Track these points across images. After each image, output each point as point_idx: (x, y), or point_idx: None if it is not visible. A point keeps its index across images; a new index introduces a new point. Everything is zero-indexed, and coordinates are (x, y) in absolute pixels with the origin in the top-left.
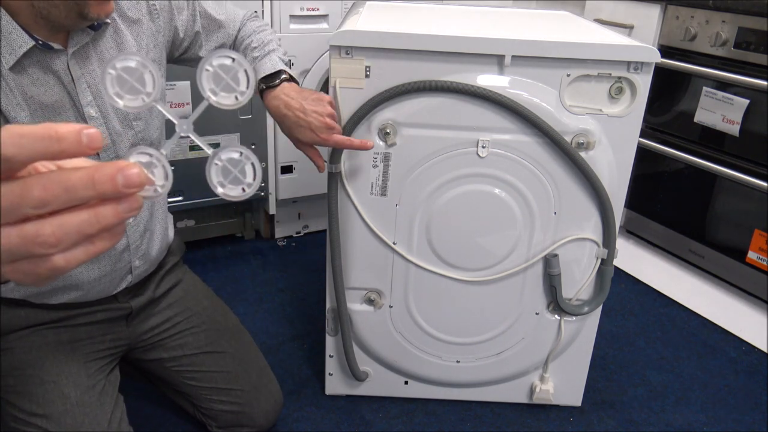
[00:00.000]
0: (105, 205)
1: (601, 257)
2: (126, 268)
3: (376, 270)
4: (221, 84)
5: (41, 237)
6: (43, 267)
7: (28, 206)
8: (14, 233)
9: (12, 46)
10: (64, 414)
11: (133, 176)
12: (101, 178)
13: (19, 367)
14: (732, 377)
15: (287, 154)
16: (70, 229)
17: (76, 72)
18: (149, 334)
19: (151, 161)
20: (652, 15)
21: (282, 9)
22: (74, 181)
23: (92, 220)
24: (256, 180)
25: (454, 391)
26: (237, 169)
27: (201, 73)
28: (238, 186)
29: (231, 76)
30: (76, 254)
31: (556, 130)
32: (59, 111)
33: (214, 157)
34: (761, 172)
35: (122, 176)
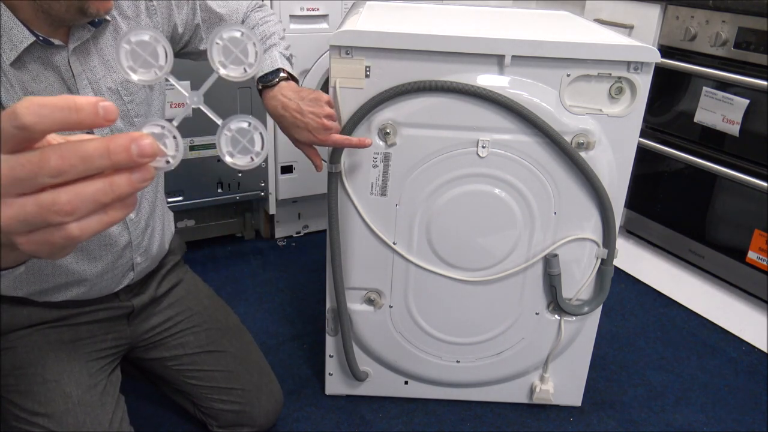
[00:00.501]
0: (119, 175)
1: (601, 257)
2: (128, 264)
3: (376, 270)
4: (230, 57)
5: (57, 205)
6: (58, 236)
7: (46, 175)
8: (31, 202)
9: (13, 42)
10: (66, 413)
11: (146, 146)
12: (116, 148)
13: (21, 366)
14: (732, 377)
15: (287, 154)
16: (86, 197)
17: (77, 68)
18: (150, 333)
19: (163, 132)
20: (652, 15)
21: (282, 9)
22: (90, 151)
23: (107, 188)
24: (264, 149)
25: (454, 391)
26: (246, 139)
27: (211, 46)
28: (246, 155)
29: (240, 49)
30: (91, 223)
31: (556, 130)
32: None
33: (224, 127)
34: (761, 172)
35: (136, 146)
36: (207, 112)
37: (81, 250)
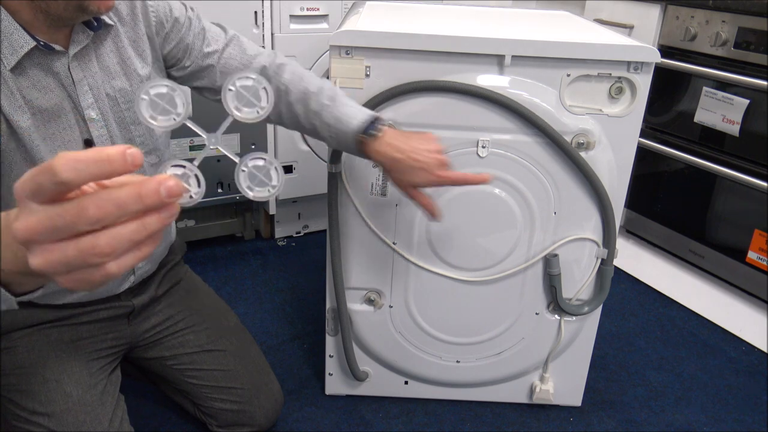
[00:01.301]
0: (150, 215)
1: (601, 257)
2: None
3: (376, 270)
4: (243, 101)
5: (98, 248)
6: (97, 274)
7: (85, 224)
8: (71, 247)
9: (13, 47)
10: (66, 413)
11: (173, 188)
12: (147, 192)
13: (22, 366)
14: (732, 377)
15: (287, 154)
16: (123, 239)
17: (77, 74)
18: (150, 333)
19: (185, 172)
20: (652, 15)
21: (282, 9)
22: (124, 198)
23: (140, 229)
24: (280, 181)
25: (454, 391)
26: (262, 174)
27: (225, 93)
28: (264, 188)
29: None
30: (126, 260)
31: (556, 130)
32: (59, 114)
33: (240, 165)
34: (761, 172)
35: (164, 189)
36: (226, 153)
37: None
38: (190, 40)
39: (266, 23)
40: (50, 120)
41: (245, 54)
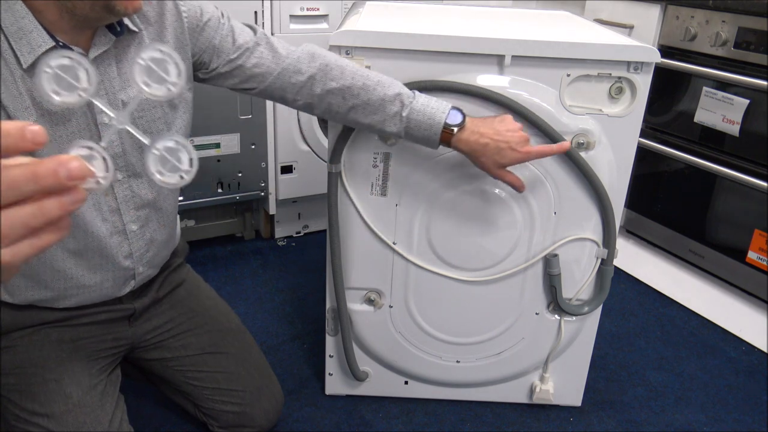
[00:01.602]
0: (49, 198)
1: (601, 257)
2: (129, 274)
3: (376, 270)
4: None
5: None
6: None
7: None
8: None
9: (32, 45)
10: (66, 414)
11: (75, 169)
12: (43, 172)
13: (21, 365)
14: (732, 377)
15: (287, 154)
16: (15, 222)
17: None
18: (152, 335)
19: (92, 154)
20: (652, 15)
21: (282, 9)
22: (16, 176)
23: (37, 213)
24: (192, 167)
25: (454, 391)
26: (173, 158)
27: (134, 67)
28: (175, 173)
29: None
30: (22, 248)
31: (556, 130)
32: (68, 117)
33: (151, 147)
34: (761, 172)
35: (65, 169)
36: (135, 133)
37: (79, 258)
38: (218, 42)
39: (266, 23)
40: (58, 123)
41: (276, 55)
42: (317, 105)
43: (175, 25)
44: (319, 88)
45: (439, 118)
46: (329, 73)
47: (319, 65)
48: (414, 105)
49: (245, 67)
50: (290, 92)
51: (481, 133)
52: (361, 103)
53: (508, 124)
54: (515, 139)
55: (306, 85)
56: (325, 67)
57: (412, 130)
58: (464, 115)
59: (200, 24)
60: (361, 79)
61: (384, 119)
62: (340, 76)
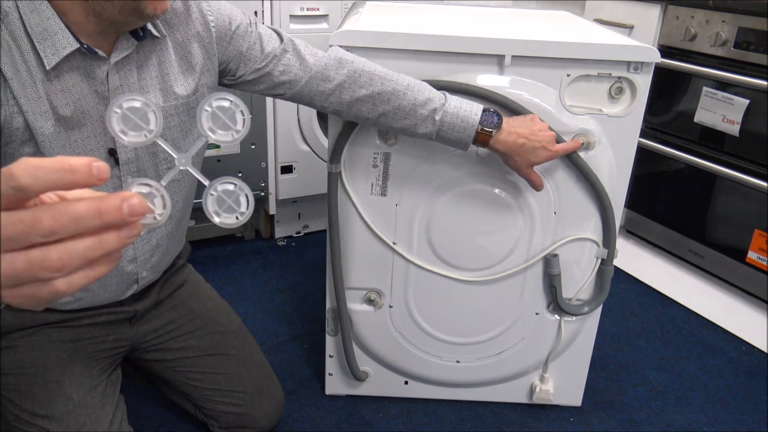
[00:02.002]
0: (109, 233)
1: (601, 257)
2: (132, 278)
3: (376, 270)
4: (218, 123)
5: (47, 262)
6: (45, 291)
7: (38, 235)
8: (21, 258)
9: (56, 47)
10: (67, 415)
11: (137, 206)
12: (107, 208)
13: (22, 366)
14: (732, 377)
15: (287, 154)
16: (76, 254)
17: (114, 82)
18: (152, 336)
19: (151, 191)
20: (652, 15)
21: (282, 9)
22: (82, 212)
23: (96, 246)
24: (249, 209)
25: (454, 391)
26: (231, 200)
27: (200, 113)
28: (232, 214)
29: (228, 116)
30: (77, 278)
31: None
32: (84, 122)
33: (210, 188)
34: (761, 172)
35: (127, 206)
36: (195, 174)
37: None
38: (245, 49)
39: (266, 23)
40: (74, 127)
41: (304, 63)
42: (346, 112)
43: (202, 34)
44: (348, 96)
45: (473, 120)
46: (358, 80)
47: (348, 72)
48: (447, 108)
49: (272, 75)
50: (318, 99)
51: (518, 134)
52: (391, 109)
53: (539, 123)
54: (547, 138)
55: (334, 92)
56: (354, 74)
57: (445, 133)
58: (500, 116)
59: (229, 33)
60: (390, 84)
61: (416, 123)
62: (369, 83)
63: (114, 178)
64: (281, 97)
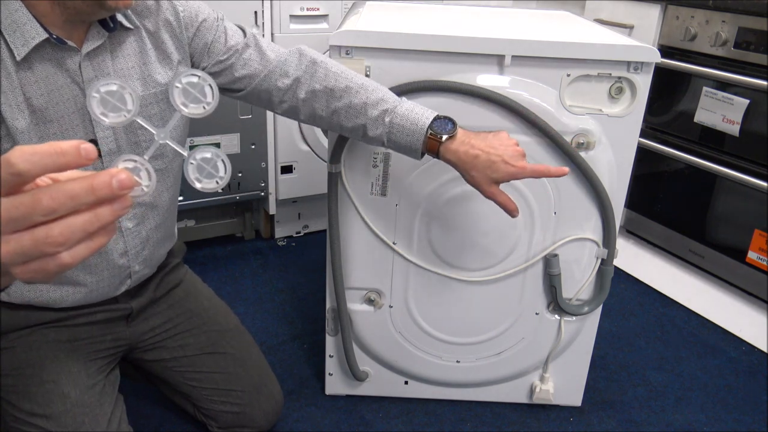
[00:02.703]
0: (103, 207)
1: (601, 257)
2: (125, 272)
3: (376, 270)
4: (190, 97)
5: (51, 237)
6: (52, 264)
7: (39, 214)
8: (26, 237)
9: (25, 37)
10: (64, 414)
11: (125, 180)
12: (99, 185)
13: (19, 366)
14: (732, 377)
15: (287, 154)
16: (75, 229)
17: (88, 73)
18: (150, 335)
19: (136, 166)
20: (652, 15)
21: (282, 9)
22: (77, 190)
23: (93, 219)
24: (227, 173)
25: (454, 391)
26: (210, 166)
27: (172, 89)
28: (212, 179)
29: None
30: (79, 250)
31: (556, 130)
32: (61, 114)
33: (189, 158)
34: (761, 172)
35: (116, 181)
36: (174, 146)
37: None
38: (210, 41)
39: (266, 23)
40: (51, 120)
41: (264, 57)
42: (301, 109)
43: (173, 24)
44: (303, 92)
45: (422, 123)
46: (314, 74)
47: (305, 67)
48: (398, 110)
49: (234, 68)
50: (276, 95)
51: (472, 145)
52: (343, 107)
53: (503, 138)
54: (509, 152)
55: (291, 87)
56: (311, 67)
57: (395, 136)
58: (455, 125)
59: (196, 23)
60: (344, 81)
61: (366, 123)
62: (324, 78)
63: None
64: (239, 93)
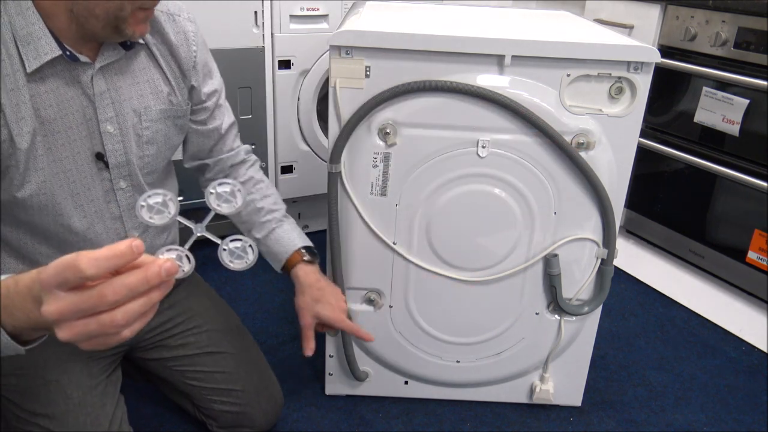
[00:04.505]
0: (154, 291)
1: (601, 257)
2: None
3: (376, 270)
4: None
5: (115, 322)
6: (114, 339)
7: (105, 306)
8: (93, 322)
9: (38, 51)
10: (66, 414)
11: (171, 269)
12: (152, 277)
13: (22, 366)
14: (732, 377)
15: (287, 154)
16: (134, 312)
17: (100, 86)
18: (151, 334)
19: (179, 254)
20: (652, 15)
21: (282, 9)
22: (135, 284)
23: (147, 302)
24: (254, 255)
25: (454, 391)
26: (240, 251)
27: (207, 196)
28: (242, 260)
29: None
30: (135, 327)
31: (556, 130)
32: (69, 125)
33: (222, 245)
34: (761, 172)
35: (164, 270)
36: (211, 238)
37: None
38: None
39: (266, 23)
40: (58, 131)
41: (234, 142)
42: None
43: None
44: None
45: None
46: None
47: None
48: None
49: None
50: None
51: (319, 279)
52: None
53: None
54: (342, 306)
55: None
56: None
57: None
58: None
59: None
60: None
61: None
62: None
63: (105, 181)
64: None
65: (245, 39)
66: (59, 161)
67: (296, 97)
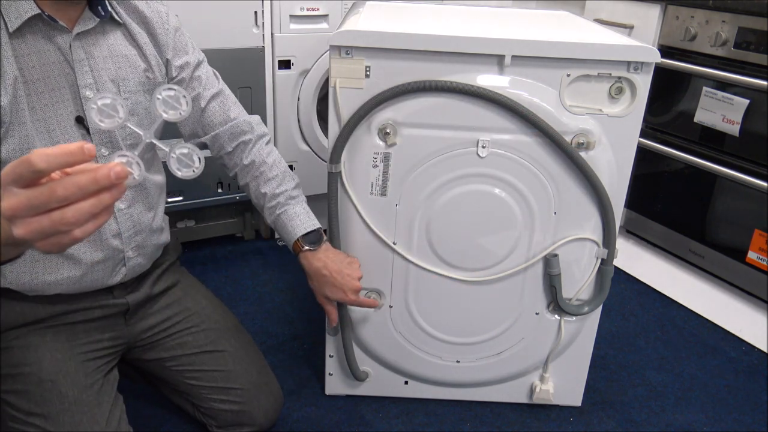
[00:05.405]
0: (104, 193)
1: (601, 257)
2: (119, 256)
3: (376, 270)
4: (168, 105)
5: (65, 219)
6: (66, 238)
7: (55, 202)
8: (45, 219)
9: (19, 11)
10: (62, 413)
11: (120, 172)
12: (101, 177)
13: (17, 366)
14: (732, 377)
15: (287, 153)
16: (84, 211)
17: (78, 54)
18: (148, 333)
19: (129, 160)
20: (652, 15)
21: (282, 9)
22: (84, 182)
23: (97, 203)
24: (201, 164)
25: (454, 391)
26: (187, 159)
27: (155, 101)
28: (189, 169)
29: (174, 101)
30: (88, 227)
31: (556, 130)
32: (54, 87)
33: (170, 152)
34: (761, 172)
35: (113, 173)
36: (158, 144)
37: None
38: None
39: (266, 23)
40: (42, 92)
41: (226, 114)
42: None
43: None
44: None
45: (297, 232)
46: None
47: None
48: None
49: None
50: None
51: (325, 264)
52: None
53: (354, 270)
54: (349, 285)
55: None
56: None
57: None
58: (320, 242)
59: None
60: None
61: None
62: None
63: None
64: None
65: (245, 39)
66: (43, 121)
67: (296, 97)
